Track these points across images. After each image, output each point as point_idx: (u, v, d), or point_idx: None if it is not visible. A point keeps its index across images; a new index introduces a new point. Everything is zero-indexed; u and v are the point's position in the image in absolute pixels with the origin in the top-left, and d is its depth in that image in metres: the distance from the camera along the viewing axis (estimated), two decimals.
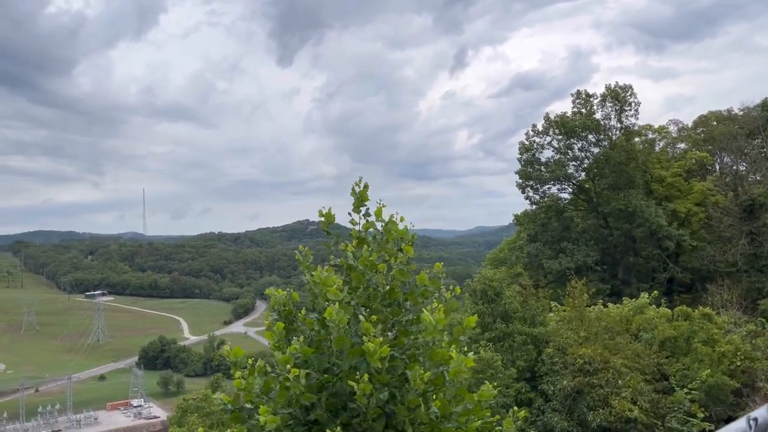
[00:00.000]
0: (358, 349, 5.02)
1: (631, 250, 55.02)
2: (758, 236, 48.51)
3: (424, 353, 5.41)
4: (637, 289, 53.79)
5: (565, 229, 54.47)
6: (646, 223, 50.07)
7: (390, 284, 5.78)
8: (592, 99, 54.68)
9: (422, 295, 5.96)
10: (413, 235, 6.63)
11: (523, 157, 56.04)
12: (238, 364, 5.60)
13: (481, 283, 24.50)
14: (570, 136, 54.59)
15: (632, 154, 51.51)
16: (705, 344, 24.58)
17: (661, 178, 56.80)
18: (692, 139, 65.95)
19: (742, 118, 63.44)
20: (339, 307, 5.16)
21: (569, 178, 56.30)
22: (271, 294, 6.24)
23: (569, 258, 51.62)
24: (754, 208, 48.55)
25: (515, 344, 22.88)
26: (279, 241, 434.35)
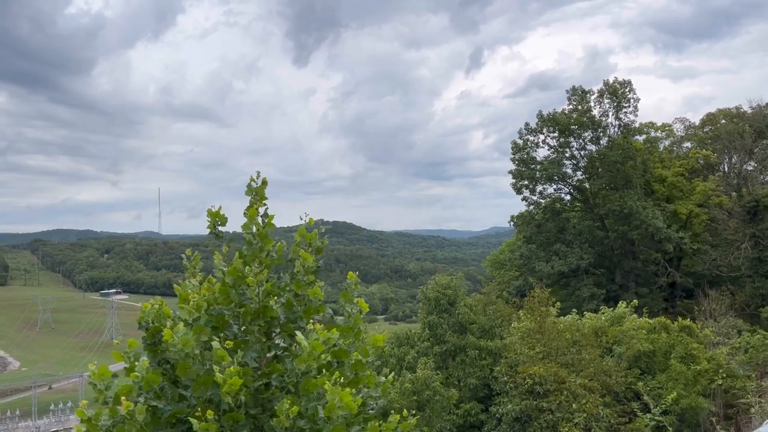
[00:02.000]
0: (208, 379, 4.35)
1: (629, 254, 52.64)
2: (762, 239, 45.93)
3: (303, 384, 4.60)
4: (635, 294, 51.38)
5: (560, 230, 52.24)
6: (643, 225, 47.66)
7: (261, 300, 4.96)
8: (589, 95, 52.34)
9: (316, 311, 5.28)
10: (323, 240, 6.12)
11: (516, 157, 53.84)
12: (97, 386, 4.77)
13: (434, 291, 22.55)
14: (565, 134, 52.30)
15: (629, 152, 49.08)
16: (683, 360, 22.41)
17: (662, 178, 54.26)
18: (698, 138, 63.26)
19: (751, 116, 60.71)
20: (190, 329, 4.50)
21: (565, 177, 54.02)
22: (145, 307, 5.21)
23: (562, 261, 49.40)
24: (758, 210, 45.98)
25: (467, 359, 20.85)
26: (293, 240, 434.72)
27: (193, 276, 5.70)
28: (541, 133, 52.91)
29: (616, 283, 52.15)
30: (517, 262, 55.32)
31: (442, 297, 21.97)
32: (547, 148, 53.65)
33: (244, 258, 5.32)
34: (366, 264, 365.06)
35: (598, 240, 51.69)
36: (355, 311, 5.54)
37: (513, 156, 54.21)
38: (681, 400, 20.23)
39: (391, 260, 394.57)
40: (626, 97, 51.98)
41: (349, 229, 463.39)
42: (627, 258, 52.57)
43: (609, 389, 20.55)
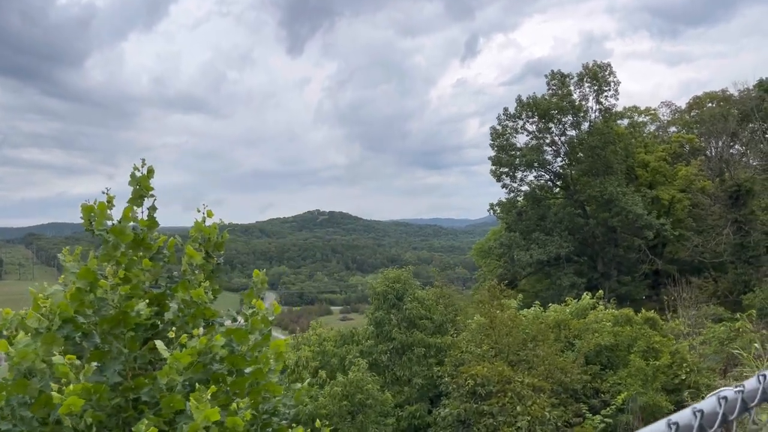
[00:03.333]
0: (45, 399, 3.84)
1: (611, 241, 51.50)
2: (745, 225, 44.77)
3: (166, 401, 4.02)
4: (617, 281, 50.54)
5: (540, 218, 51.09)
6: (623, 212, 46.50)
7: (120, 305, 4.46)
8: (569, 79, 50.97)
9: (202, 315, 4.88)
10: (224, 235, 5.81)
11: (495, 143, 52.57)
12: None
13: (383, 285, 21.35)
14: (545, 119, 51.00)
15: (609, 137, 47.83)
16: (644, 355, 21.25)
17: (645, 163, 53.05)
18: (683, 122, 62.03)
19: (738, 99, 59.46)
20: (38, 339, 4.00)
21: (545, 164, 52.78)
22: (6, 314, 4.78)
23: (541, 249, 48.26)
24: (740, 195, 44.76)
25: (414, 358, 19.65)
26: (290, 231, 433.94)
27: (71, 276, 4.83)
28: (520, 118, 51.60)
29: (598, 271, 51.09)
30: (497, 251, 54.23)
31: (390, 291, 20.80)
32: (527, 134, 52.38)
33: (98, 258, 4.69)
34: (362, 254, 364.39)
35: (578, 227, 50.57)
36: (257, 313, 5.07)
37: (492, 142, 52.97)
38: (639, 397, 19.13)
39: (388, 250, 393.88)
40: (606, 81, 50.66)
41: (345, 219, 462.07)
42: (609, 245, 51.47)
43: (566, 388, 19.40)
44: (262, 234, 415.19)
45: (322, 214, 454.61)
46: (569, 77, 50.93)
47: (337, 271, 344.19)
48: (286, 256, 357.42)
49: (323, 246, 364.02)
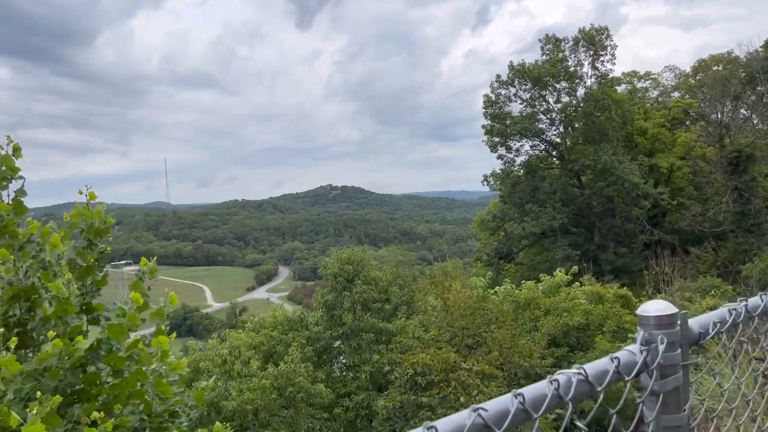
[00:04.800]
0: None
1: (608, 211, 49.90)
2: (745, 192, 42.94)
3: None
4: (614, 253, 49.07)
5: (534, 189, 49.52)
6: (619, 181, 44.84)
7: None
8: (563, 44, 48.91)
9: (64, 312, 4.35)
10: (108, 219, 5.21)
11: (488, 112, 50.84)
12: None
13: (334, 266, 20.24)
14: (538, 86, 49.11)
15: (603, 103, 45.91)
16: (615, 335, 20.05)
17: (643, 130, 51.09)
18: (687, 86, 59.64)
19: (744, 61, 56.96)
20: None
21: (540, 132, 51.02)
22: None
23: (534, 221, 46.87)
24: (740, 161, 42.86)
25: (363, 344, 18.55)
26: (302, 206, 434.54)
27: None
28: (513, 85, 49.75)
29: (594, 242, 49.64)
30: (491, 225, 52.91)
31: (341, 273, 19.70)
32: (520, 101, 50.56)
33: None
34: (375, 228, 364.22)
35: (573, 198, 48.99)
36: (131, 308, 4.47)
37: (485, 111, 51.22)
38: None
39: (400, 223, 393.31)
40: (603, 45, 48.53)
41: (358, 194, 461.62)
42: (606, 216, 49.89)
43: (527, 373, 18.25)
44: (275, 210, 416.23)
45: (335, 189, 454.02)
46: (564, 42, 48.87)
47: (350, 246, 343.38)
48: (299, 231, 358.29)
49: (336, 221, 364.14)
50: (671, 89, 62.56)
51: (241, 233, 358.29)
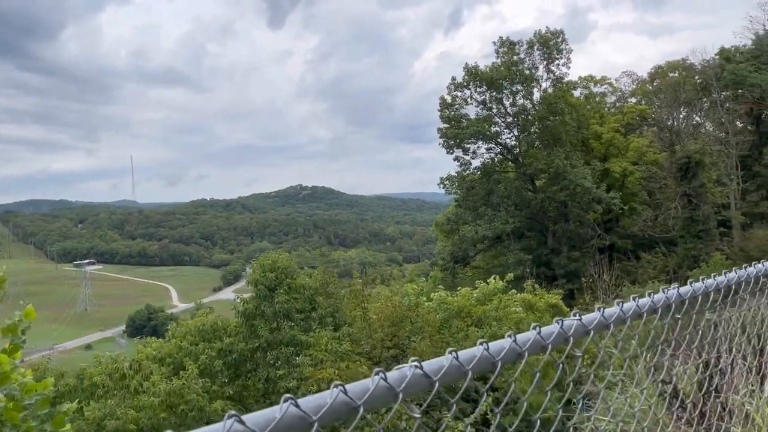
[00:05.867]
0: None
1: (562, 216, 49.79)
2: (694, 198, 43.17)
3: None
4: (567, 258, 48.91)
5: (488, 193, 49.15)
6: (571, 186, 44.70)
7: None
8: (518, 46, 48.65)
9: None
10: None
11: (443, 114, 50.32)
12: None
13: (257, 273, 19.27)
14: (494, 89, 48.76)
15: (556, 107, 45.74)
16: None
17: (598, 135, 51.15)
18: (644, 92, 60.07)
19: (699, 69, 57.58)
20: None
21: (495, 136, 50.68)
22: None
23: (487, 225, 46.50)
24: (690, 167, 43.09)
25: (282, 357, 17.53)
26: (272, 206, 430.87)
27: None
28: (468, 88, 49.31)
29: (547, 246, 49.47)
30: (445, 227, 52.45)
31: (263, 280, 18.75)
32: (476, 104, 50.16)
33: None
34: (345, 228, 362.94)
35: (527, 202, 48.74)
36: None
37: (441, 113, 50.69)
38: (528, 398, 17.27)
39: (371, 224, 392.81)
40: (558, 48, 48.40)
41: (328, 194, 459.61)
42: (560, 220, 49.77)
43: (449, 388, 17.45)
44: (244, 209, 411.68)
45: (305, 189, 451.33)
46: (519, 45, 48.61)
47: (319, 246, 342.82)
48: (267, 231, 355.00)
49: (305, 221, 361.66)
50: (629, 94, 63.01)
51: (208, 233, 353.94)
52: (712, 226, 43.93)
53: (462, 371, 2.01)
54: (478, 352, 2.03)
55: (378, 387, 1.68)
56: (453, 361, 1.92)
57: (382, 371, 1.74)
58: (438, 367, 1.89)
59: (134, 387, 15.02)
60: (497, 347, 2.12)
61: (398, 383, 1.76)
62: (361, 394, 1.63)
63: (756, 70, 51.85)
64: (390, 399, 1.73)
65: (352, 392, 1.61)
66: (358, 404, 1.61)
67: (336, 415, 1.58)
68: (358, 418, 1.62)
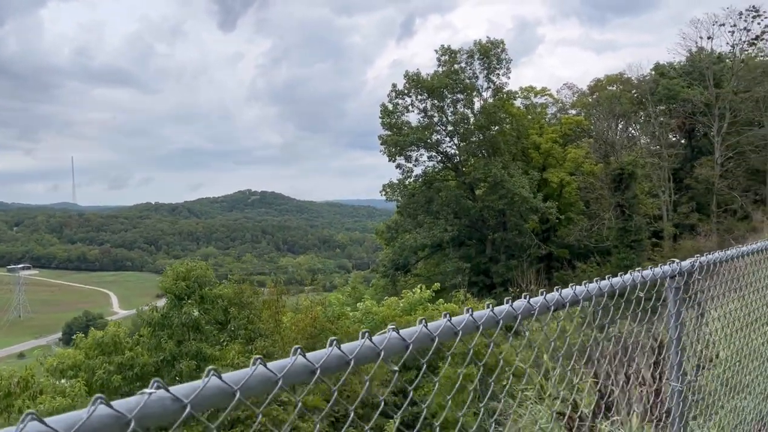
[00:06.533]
0: None
1: (501, 225, 50.06)
2: (627, 208, 44.03)
3: None
4: (505, 267, 49.12)
5: (428, 201, 48.98)
6: (509, 195, 44.95)
7: None
8: (459, 55, 48.78)
9: None
10: None
11: (385, 121, 49.95)
12: None
13: (169, 281, 18.21)
14: (434, 97, 48.70)
15: (495, 116, 46.00)
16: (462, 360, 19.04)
17: (537, 145, 51.76)
18: (583, 104, 61.28)
19: (636, 83, 59.14)
20: None
21: (437, 144, 50.62)
22: None
23: (426, 233, 46.27)
24: (623, 178, 43.94)
25: (185, 372, 16.52)
26: (219, 211, 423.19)
27: None
28: (408, 95, 49.11)
29: (486, 255, 49.62)
30: (385, 235, 52.05)
31: (174, 289, 17.71)
32: (417, 112, 50.03)
33: None
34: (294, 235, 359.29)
35: (466, 210, 48.78)
36: None
37: (382, 120, 50.30)
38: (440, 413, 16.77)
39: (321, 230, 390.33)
40: (499, 58, 48.77)
41: (278, 200, 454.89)
42: (499, 229, 50.03)
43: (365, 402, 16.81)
44: (190, 214, 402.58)
45: (254, 194, 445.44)
46: (460, 53, 48.74)
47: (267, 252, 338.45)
48: (214, 236, 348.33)
49: (253, 227, 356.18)
50: (569, 106, 64.19)
51: (152, 237, 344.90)
52: (645, 237, 44.88)
53: (346, 361, 1.87)
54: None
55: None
56: (334, 350, 1.78)
57: (260, 357, 1.64)
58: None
59: (18, 407, 13.79)
60: (379, 339, 2.00)
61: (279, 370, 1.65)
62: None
63: (688, 85, 53.56)
64: (270, 387, 1.60)
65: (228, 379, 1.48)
66: (235, 388, 1.48)
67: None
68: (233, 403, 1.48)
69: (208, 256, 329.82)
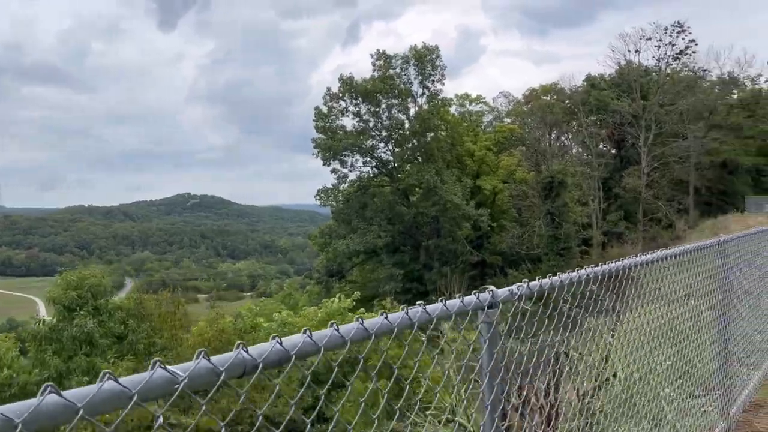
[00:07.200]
0: None
1: (435, 231, 49.83)
2: (557, 216, 44.57)
3: None
4: (438, 273, 48.83)
5: (362, 206, 48.27)
6: (441, 201, 44.73)
7: None
8: (394, 60, 48.39)
9: None
10: None
11: (318, 125, 48.98)
12: None
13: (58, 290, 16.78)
14: (369, 102, 48.09)
15: (429, 123, 45.77)
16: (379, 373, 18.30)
17: (471, 153, 51.88)
18: (517, 113, 62.04)
19: (568, 94, 60.27)
20: None
21: (372, 149, 50.01)
22: None
23: (359, 239, 45.51)
24: (554, 186, 44.47)
25: None
26: (156, 215, 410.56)
27: None
28: (343, 99, 48.34)
29: (420, 262, 49.26)
30: (318, 240, 51.02)
31: (63, 299, 16.27)
32: (351, 116, 49.30)
33: None
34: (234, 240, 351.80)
35: (400, 217, 48.35)
36: None
37: (315, 124, 49.32)
38: None
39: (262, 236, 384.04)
40: (434, 64, 48.63)
41: (218, 204, 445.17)
42: (433, 236, 49.79)
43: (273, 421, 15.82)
44: (125, 217, 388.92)
45: (194, 198, 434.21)
46: (395, 58, 48.34)
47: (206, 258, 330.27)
48: (150, 241, 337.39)
49: (192, 231, 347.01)
50: (504, 114, 64.88)
51: (84, 241, 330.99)
52: (574, 244, 45.49)
53: (216, 373, 1.59)
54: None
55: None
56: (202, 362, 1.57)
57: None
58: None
59: None
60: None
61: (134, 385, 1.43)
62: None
63: (617, 97, 54.92)
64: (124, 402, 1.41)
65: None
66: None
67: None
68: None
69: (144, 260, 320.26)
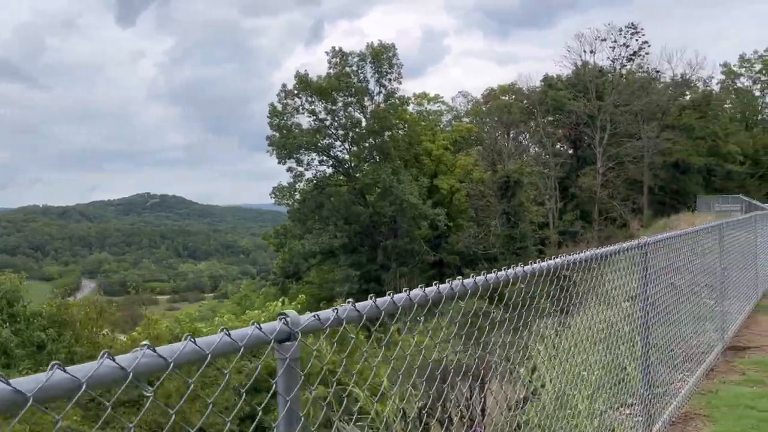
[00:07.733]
0: None
1: (392, 231, 49.33)
2: (513, 216, 44.54)
3: None
4: (396, 274, 48.37)
5: (318, 206, 47.45)
6: (398, 201, 44.25)
7: None
8: (350, 58, 47.71)
9: None
10: None
11: (273, 122, 47.98)
12: None
13: None
14: (325, 99, 47.31)
15: (386, 122, 45.25)
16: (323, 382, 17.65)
17: (428, 152, 51.56)
18: (476, 112, 62.04)
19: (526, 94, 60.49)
20: None
21: (328, 148, 49.22)
22: None
23: (315, 239, 44.70)
24: (510, 186, 44.43)
25: None
26: (114, 215, 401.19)
27: None
28: (299, 96, 47.43)
29: (377, 262, 48.68)
30: (274, 241, 50.02)
31: None
32: (307, 114, 48.42)
33: None
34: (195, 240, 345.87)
35: (356, 216, 47.69)
36: None
37: (270, 121, 48.29)
38: None
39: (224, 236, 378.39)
40: (390, 63, 48.12)
41: (179, 204, 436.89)
42: (390, 236, 49.27)
43: None
44: (82, 217, 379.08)
45: (153, 198, 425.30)
46: (351, 56, 47.67)
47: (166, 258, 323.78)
48: (108, 242, 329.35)
49: (151, 232, 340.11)
50: (463, 114, 64.82)
51: (39, 242, 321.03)
52: (530, 244, 45.52)
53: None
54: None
55: None
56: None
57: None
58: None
59: None
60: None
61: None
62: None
63: (574, 97, 55.31)
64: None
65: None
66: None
67: None
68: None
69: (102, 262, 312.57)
